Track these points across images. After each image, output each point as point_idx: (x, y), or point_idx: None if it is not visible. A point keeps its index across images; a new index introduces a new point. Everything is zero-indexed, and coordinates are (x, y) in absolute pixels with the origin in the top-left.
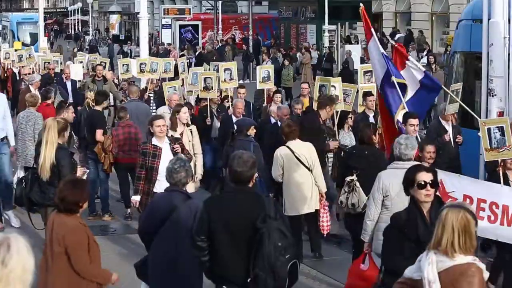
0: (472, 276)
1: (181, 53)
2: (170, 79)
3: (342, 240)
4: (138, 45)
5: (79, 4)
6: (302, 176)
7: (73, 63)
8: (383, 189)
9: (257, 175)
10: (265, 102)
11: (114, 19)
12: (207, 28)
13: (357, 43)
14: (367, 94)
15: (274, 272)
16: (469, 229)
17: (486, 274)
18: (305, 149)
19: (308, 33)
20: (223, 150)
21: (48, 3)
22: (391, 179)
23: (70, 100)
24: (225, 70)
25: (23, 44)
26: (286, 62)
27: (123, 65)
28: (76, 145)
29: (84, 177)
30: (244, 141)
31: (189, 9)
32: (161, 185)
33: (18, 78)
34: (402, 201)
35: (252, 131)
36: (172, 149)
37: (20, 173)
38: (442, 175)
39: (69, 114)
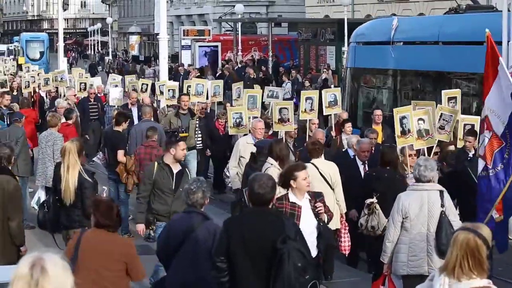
0: None
1: (197, 75)
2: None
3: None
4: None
5: (99, 25)
6: (325, 195)
7: (105, 86)
8: (402, 210)
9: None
10: (333, 130)
11: (134, 40)
12: (226, 49)
13: None
14: (470, 132)
15: None
16: (478, 253)
17: None
18: (329, 168)
19: (327, 55)
20: None
21: (67, 23)
22: (410, 200)
23: None
24: (306, 99)
25: (31, 60)
26: (307, 83)
27: (169, 90)
28: (103, 162)
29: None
30: (264, 162)
31: (209, 30)
32: None
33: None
34: (421, 223)
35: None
36: (314, 208)
37: (41, 193)
38: None
39: (177, 151)
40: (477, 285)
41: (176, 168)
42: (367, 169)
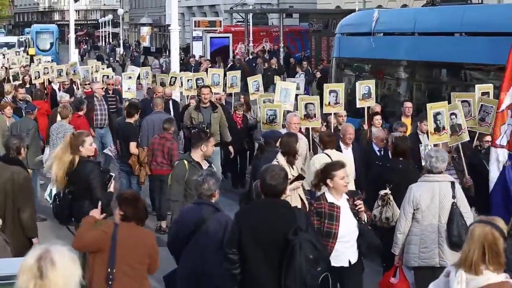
0: None
1: (209, 66)
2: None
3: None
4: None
5: (110, 16)
6: None
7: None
8: (413, 201)
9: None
10: (365, 124)
11: (145, 31)
12: (238, 41)
13: None
14: None
15: (305, 285)
16: (495, 246)
17: None
18: (342, 158)
19: None
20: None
21: (78, 15)
22: (421, 191)
23: None
24: (330, 92)
25: (41, 50)
26: (318, 74)
27: (188, 80)
28: (114, 154)
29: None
30: (271, 152)
31: (220, 21)
32: (340, 256)
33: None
34: (432, 214)
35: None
36: (353, 207)
37: (53, 185)
38: None
39: (208, 147)
40: (494, 281)
41: (204, 165)
42: None
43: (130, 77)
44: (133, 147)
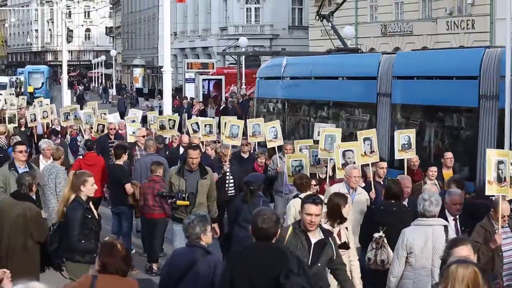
0: None
1: (202, 108)
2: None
3: None
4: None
5: (103, 57)
6: None
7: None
8: (407, 245)
9: None
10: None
11: (138, 72)
12: (230, 83)
13: None
14: None
15: None
16: (477, 282)
17: None
18: None
19: None
20: None
21: (71, 55)
22: (415, 236)
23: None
24: (364, 140)
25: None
26: None
27: (205, 125)
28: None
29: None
30: (256, 197)
31: (213, 63)
32: None
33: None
34: (426, 258)
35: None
36: None
37: None
38: None
39: (303, 215)
40: None
41: (315, 237)
42: (459, 225)
43: (133, 121)
44: (128, 188)
